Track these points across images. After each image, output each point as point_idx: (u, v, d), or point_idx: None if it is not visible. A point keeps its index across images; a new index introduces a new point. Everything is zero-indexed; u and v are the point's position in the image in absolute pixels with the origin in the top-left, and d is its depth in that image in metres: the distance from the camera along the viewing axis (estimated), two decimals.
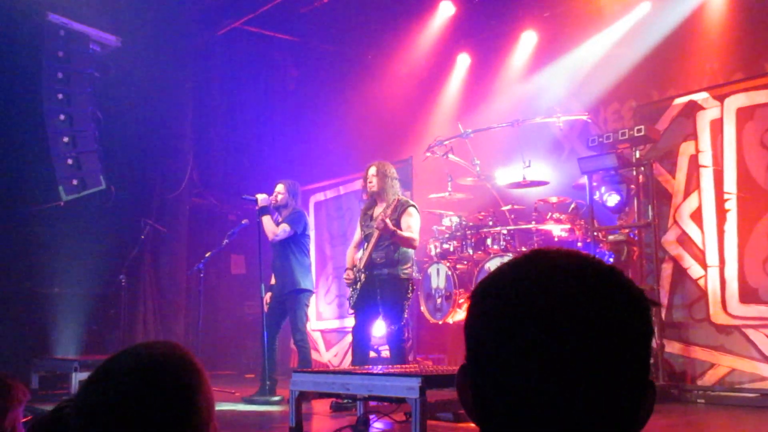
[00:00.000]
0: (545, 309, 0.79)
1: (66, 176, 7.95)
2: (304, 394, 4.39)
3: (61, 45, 8.14)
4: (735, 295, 5.86)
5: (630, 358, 0.80)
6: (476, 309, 0.86)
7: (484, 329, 0.83)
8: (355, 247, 6.17)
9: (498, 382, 0.81)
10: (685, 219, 6.24)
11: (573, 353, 0.77)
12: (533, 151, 7.24)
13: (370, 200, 6.00)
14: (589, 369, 0.78)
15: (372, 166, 5.95)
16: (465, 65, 9.43)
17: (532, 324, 0.79)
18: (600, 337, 0.78)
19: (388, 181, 5.84)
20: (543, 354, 0.78)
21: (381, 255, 5.72)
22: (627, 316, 0.81)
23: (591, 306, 0.79)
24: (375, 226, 5.67)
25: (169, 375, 1.16)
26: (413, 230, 5.71)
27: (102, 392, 1.14)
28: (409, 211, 5.76)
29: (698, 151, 6.20)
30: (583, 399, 0.78)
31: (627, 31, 7.82)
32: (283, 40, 10.19)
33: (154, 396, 1.12)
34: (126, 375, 1.14)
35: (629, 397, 0.80)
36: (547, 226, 6.79)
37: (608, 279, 0.82)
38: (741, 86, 6.13)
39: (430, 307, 7.23)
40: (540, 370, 0.78)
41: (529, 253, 0.86)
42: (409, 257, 5.79)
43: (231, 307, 10.53)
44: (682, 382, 6.06)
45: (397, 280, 5.70)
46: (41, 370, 7.16)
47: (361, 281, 5.79)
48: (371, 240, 5.74)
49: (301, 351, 6.54)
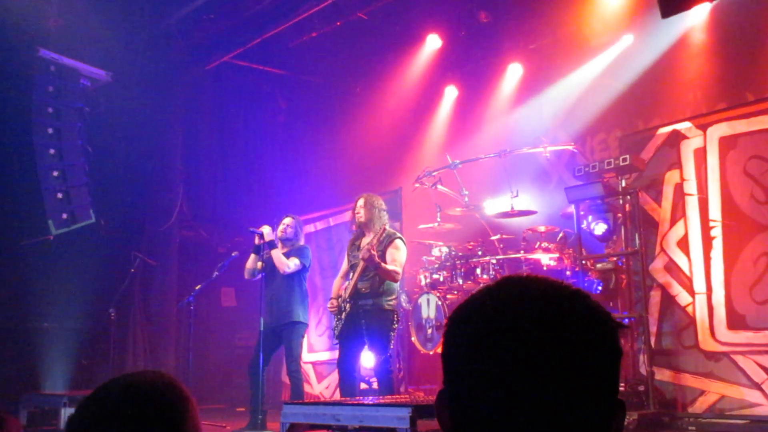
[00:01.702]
0: (514, 332, 0.82)
1: (56, 210, 7.96)
2: (295, 426, 4.38)
3: (52, 80, 8.20)
4: (723, 322, 5.89)
5: (599, 378, 0.84)
6: (450, 334, 0.89)
7: (458, 353, 0.87)
8: (342, 277, 6.21)
9: (472, 404, 0.84)
10: (672, 247, 6.30)
11: (541, 375, 0.81)
12: (521, 181, 7.31)
13: (358, 231, 6.06)
14: (558, 389, 0.81)
15: (361, 197, 6.05)
16: (452, 97, 9.54)
17: (501, 347, 0.82)
18: (568, 358, 0.82)
19: (375, 212, 5.90)
20: (512, 376, 0.81)
21: (366, 285, 5.76)
22: (594, 337, 0.84)
23: (558, 328, 0.83)
24: (360, 256, 5.71)
25: (156, 402, 1.18)
26: (397, 264, 5.76)
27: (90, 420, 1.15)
28: (395, 244, 5.81)
29: (683, 180, 6.28)
30: (553, 417, 0.81)
31: (611, 62, 7.94)
32: (272, 74, 10.28)
33: (141, 423, 1.14)
34: (114, 402, 1.16)
35: (599, 416, 0.84)
36: (535, 255, 6.83)
37: (575, 302, 0.86)
38: (723, 115, 6.24)
39: (421, 338, 7.23)
40: (510, 392, 0.81)
41: (500, 280, 0.90)
42: (393, 289, 5.84)
43: (221, 340, 10.47)
44: (672, 409, 6.06)
45: (382, 311, 5.73)
46: (30, 405, 7.09)
47: (346, 311, 5.81)
48: (357, 270, 5.79)
49: (294, 382, 6.53)
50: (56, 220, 7.95)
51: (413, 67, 9.41)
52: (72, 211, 8.07)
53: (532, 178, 8.11)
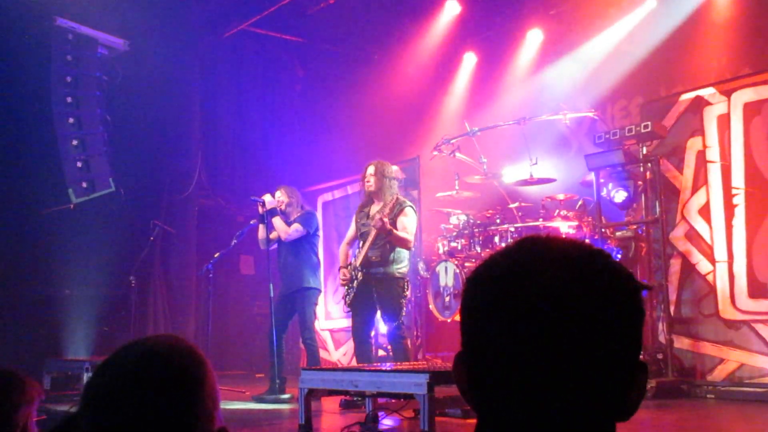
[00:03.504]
0: (535, 293, 0.81)
1: (75, 179, 8.00)
2: (313, 391, 4.41)
3: (70, 49, 8.20)
4: (744, 290, 5.84)
5: (620, 339, 0.82)
6: (469, 295, 0.88)
7: (477, 315, 0.85)
8: (347, 244, 6.21)
9: (491, 365, 0.83)
10: (693, 215, 6.23)
11: (563, 335, 0.79)
12: (540, 149, 7.24)
13: (366, 198, 6.03)
14: (580, 350, 0.79)
15: (370, 165, 5.99)
16: (471, 64, 9.44)
17: (523, 308, 0.81)
18: (590, 319, 0.80)
19: (386, 181, 5.87)
20: (534, 337, 0.80)
21: (377, 253, 5.75)
22: (616, 297, 0.82)
23: (580, 289, 0.81)
24: (372, 224, 5.70)
25: (173, 366, 1.18)
26: (408, 231, 5.75)
27: (107, 383, 1.16)
28: (405, 212, 5.79)
29: (705, 147, 6.19)
30: (574, 379, 0.79)
31: (633, 27, 7.81)
32: (289, 42, 10.22)
33: (158, 386, 1.14)
34: (131, 366, 1.16)
35: (620, 378, 0.82)
36: (554, 223, 6.79)
37: (597, 262, 0.84)
38: (748, 81, 6.11)
39: (439, 305, 7.24)
40: (531, 353, 0.80)
41: (520, 240, 0.88)
42: (404, 256, 5.84)
43: (240, 307, 10.57)
44: (691, 377, 6.04)
45: (393, 279, 5.74)
46: (53, 371, 7.21)
47: (357, 279, 5.82)
48: (368, 238, 5.77)
49: (310, 349, 6.58)
50: (76, 188, 8.00)
51: (432, 34, 9.31)
52: (92, 179, 8.11)
53: (552, 146, 8.04)
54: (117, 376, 1.16)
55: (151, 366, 1.16)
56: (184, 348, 1.22)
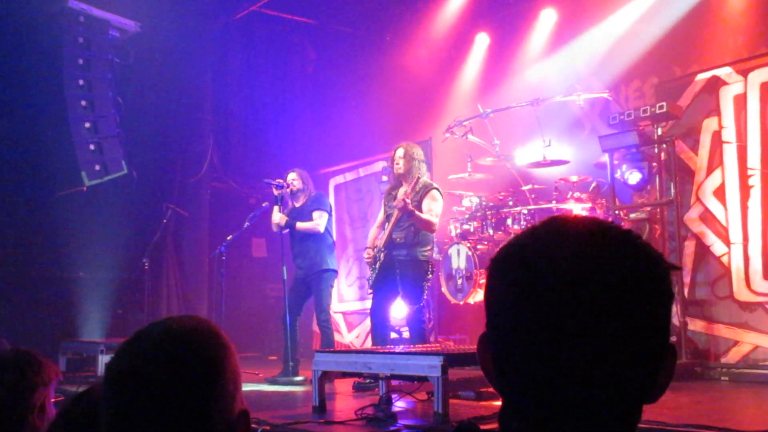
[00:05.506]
0: (565, 275, 0.79)
1: (88, 161, 8.03)
2: (326, 373, 4.43)
3: (82, 31, 8.20)
4: (759, 272, 5.81)
5: (650, 322, 0.81)
6: (496, 277, 0.86)
7: (504, 296, 0.84)
8: (378, 227, 6.18)
9: (518, 348, 0.82)
10: (708, 196, 6.18)
11: (593, 317, 0.78)
12: (553, 130, 7.19)
13: (395, 181, 6.00)
14: (610, 333, 0.78)
15: (399, 147, 5.92)
16: (484, 45, 9.36)
17: (552, 290, 0.79)
18: (620, 301, 0.79)
19: (414, 164, 5.83)
20: (563, 319, 0.78)
21: (401, 235, 5.73)
22: (646, 279, 0.81)
23: (610, 270, 0.79)
24: (394, 205, 5.68)
25: (196, 347, 1.17)
26: (433, 214, 5.70)
27: (131, 361, 1.16)
28: (432, 194, 5.76)
29: (721, 127, 6.13)
30: (603, 362, 0.78)
31: (648, 6, 7.70)
32: (300, 23, 10.17)
33: (181, 367, 1.14)
34: (154, 346, 1.16)
35: (649, 361, 0.81)
36: (567, 205, 6.75)
37: (626, 243, 0.83)
38: (765, 60, 6.04)
39: (451, 288, 7.23)
40: (560, 336, 0.79)
41: (546, 220, 0.86)
42: (429, 239, 5.80)
43: (253, 290, 10.60)
44: (705, 359, 6.03)
45: (416, 262, 5.71)
46: (68, 352, 7.28)
47: (380, 260, 5.81)
48: (392, 220, 5.76)
49: (324, 332, 6.59)
50: (89, 171, 8.03)
51: (444, 15, 9.24)
52: (104, 162, 8.14)
53: (565, 127, 7.97)
54: (139, 356, 1.16)
55: (174, 347, 1.16)
56: (206, 329, 1.22)
